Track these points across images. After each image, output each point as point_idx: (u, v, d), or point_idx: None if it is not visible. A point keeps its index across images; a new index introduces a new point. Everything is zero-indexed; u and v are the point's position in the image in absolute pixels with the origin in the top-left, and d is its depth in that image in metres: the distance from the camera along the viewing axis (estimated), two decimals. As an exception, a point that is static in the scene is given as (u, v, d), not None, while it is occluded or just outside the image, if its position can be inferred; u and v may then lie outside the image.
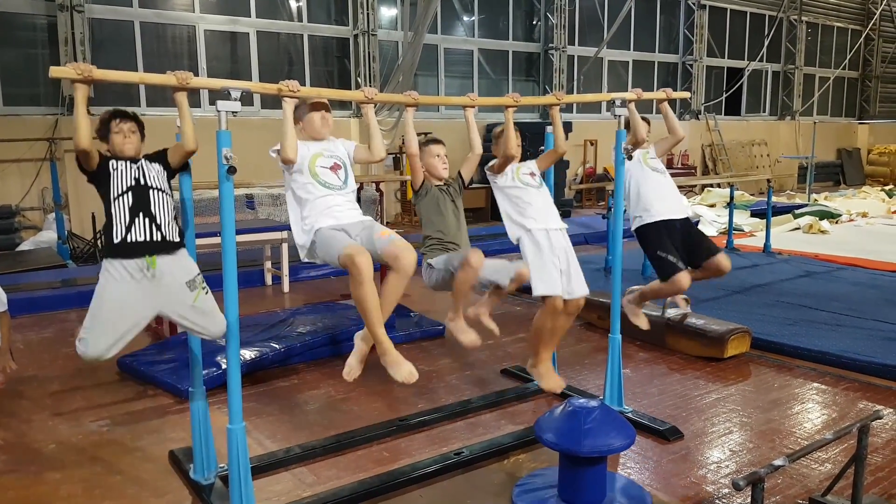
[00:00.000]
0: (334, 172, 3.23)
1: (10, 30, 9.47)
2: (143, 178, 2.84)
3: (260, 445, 3.66)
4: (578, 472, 2.92)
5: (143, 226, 2.76)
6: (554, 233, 3.77)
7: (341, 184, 3.24)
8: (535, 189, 3.84)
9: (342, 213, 3.22)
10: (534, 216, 3.77)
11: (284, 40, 11.76)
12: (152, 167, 2.90)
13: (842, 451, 3.50)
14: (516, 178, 3.83)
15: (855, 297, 6.45)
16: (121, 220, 2.76)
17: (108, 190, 2.79)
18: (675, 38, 17.24)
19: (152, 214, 2.79)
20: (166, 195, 2.88)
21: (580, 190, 14.41)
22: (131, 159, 2.86)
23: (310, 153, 3.21)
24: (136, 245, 2.74)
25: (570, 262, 3.78)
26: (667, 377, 4.69)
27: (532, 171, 3.94)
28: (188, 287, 2.83)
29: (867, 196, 15.30)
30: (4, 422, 3.92)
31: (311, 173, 3.18)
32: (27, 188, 9.33)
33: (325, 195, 3.19)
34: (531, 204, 3.78)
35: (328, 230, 3.15)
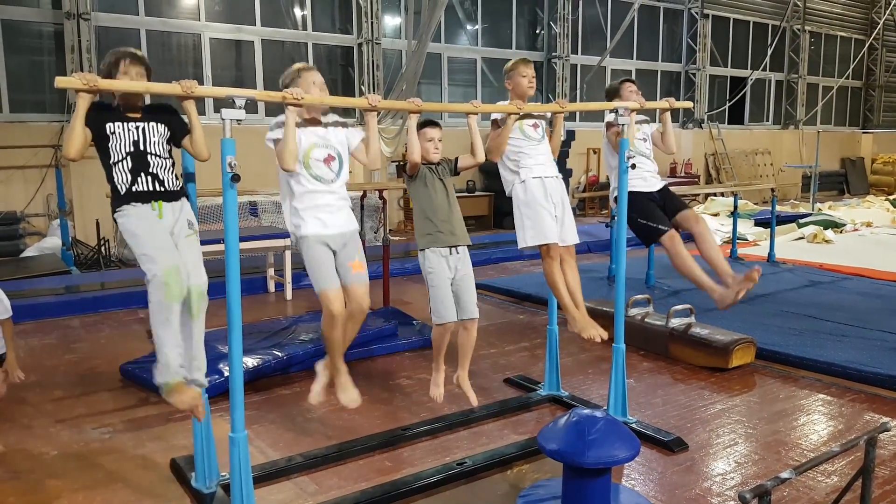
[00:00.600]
0: (327, 165, 3.19)
1: (16, 37, 9.51)
2: (142, 143, 2.84)
3: (261, 454, 3.64)
4: (582, 483, 2.90)
5: (145, 181, 2.84)
6: (549, 180, 3.74)
7: (334, 176, 3.21)
8: (535, 142, 3.80)
9: (330, 215, 3.21)
10: (529, 165, 3.75)
11: (289, 48, 11.79)
12: (154, 130, 2.87)
13: (848, 464, 3.47)
14: (519, 129, 3.79)
15: (860, 307, 6.42)
16: (124, 178, 2.82)
17: (107, 155, 2.80)
18: (678, 48, 17.26)
19: (153, 173, 2.85)
20: (165, 160, 2.91)
21: (583, 198, 14.40)
22: (131, 119, 2.84)
23: (306, 144, 3.16)
24: (142, 193, 2.84)
25: (565, 210, 3.77)
26: (671, 387, 4.67)
27: (536, 122, 3.87)
28: (188, 225, 2.94)
29: (871, 205, 15.26)
30: (6, 428, 3.91)
31: (304, 164, 3.15)
32: (32, 194, 9.35)
33: (316, 190, 3.18)
34: (528, 155, 3.76)
35: (313, 242, 3.17)
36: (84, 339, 5.92)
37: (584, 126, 14.68)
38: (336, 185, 3.24)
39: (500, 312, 6.74)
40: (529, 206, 3.69)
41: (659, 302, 6.07)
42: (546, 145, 3.88)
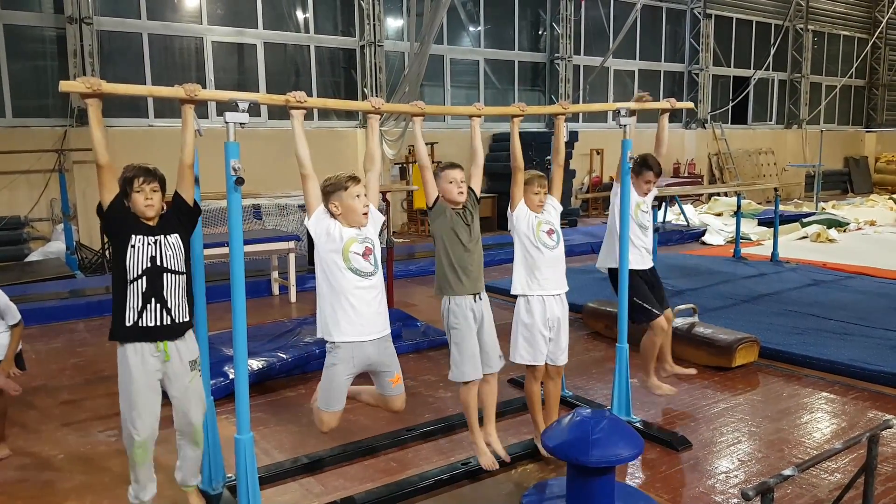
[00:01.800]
0: (366, 259, 3.10)
1: (19, 42, 9.56)
2: (159, 258, 2.83)
3: (267, 455, 3.66)
4: (586, 482, 2.91)
5: (154, 311, 2.82)
6: (550, 299, 3.70)
7: (372, 269, 3.12)
8: (550, 251, 3.70)
9: (367, 319, 3.10)
10: (539, 280, 3.69)
11: (291, 51, 11.83)
12: (170, 241, 2.86)
13: (851, 461, 3.48)
14: (536, 237, 3.69)
15: (863, 305, 6.42)
16: (134, 304, 2.81)
17: (124, 269, 2.80)
18: (680, 48, 17.26)
19: (164, 299, 2.84)
20: (180, 276, 2.89)
21: (586, 199, 14.42)
22: (150, 232, 2.83)
23: (345, 237, 3.07)
24: (147, 329, 2.83)
25: (561, 330, 3.73)
26: (675, 387, 4.66)
27: (552, 227, 3.75)
28: (189, 366, 2.94)
29: (875, 204, 15.25)
30: (14, 432, 3.93)
31: (344, 258, 3.05)
32: (36, 199, 9.39)
33: (356, 288, 3.07)
34: (540, 268, 3.68)
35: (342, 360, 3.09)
36: (89, 342, 5.95)
37: (587, 127, 14.69)
38: (375, 277, 3.14)
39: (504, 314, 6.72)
40: (528, 327, 3.69)
41: (662, 302, 6.07)
42: (559, 252, 3.77)
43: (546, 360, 3.69)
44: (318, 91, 11.76)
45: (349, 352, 3.08)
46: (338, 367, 3.10)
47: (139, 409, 2.87)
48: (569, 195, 13.24)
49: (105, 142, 2.70)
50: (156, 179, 2.84)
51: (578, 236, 10.99)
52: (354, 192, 3.06)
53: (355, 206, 3.06)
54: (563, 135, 3.89)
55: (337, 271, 3.06)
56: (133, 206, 2.82)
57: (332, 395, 3.13)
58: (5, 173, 9.03)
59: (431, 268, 8.93)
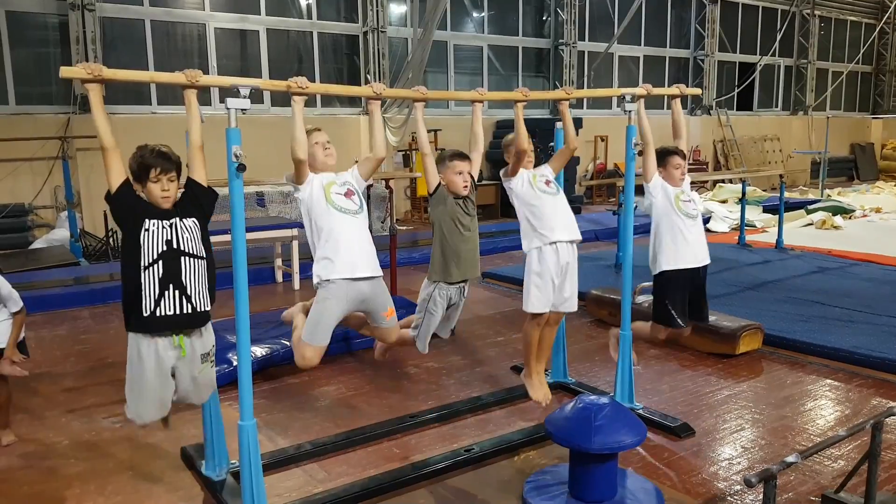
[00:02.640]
0: (349, 198, 3.22)
1: (22, 29, 9.53)
2: (175, 241, 2.69)
3: (271, 442, 3.67)
4: (589, 468, 2.91)
5: (173, 299, 2.68)
6: (563, 245, 3.74)
7: (356, 207, 3.22)
8: (551, 197, 3.77)
9: (358, 257, 3.17)
10: (549, 227, 3.72)
11: (294, 38, 11.77)
12: (187, 224, 2.75)
13: (855, 448, 3.47)
14: (534, 187, 3.76)
15: (868, 293, 6.39)
16: (150, 292, 2.65)
17: (138, 255, 2.65)
18: (686, 33, 17.13)
19: (183, 286, 2.69)
20: (199, 260, 2.76)
21: (591, 186, 14.36)
22: (165, 216, 2.71)
23: (323, 182, 3.19)
24: (165, 319, 2.68)
25: (568, 276, 3.77)
26: (678, 374, 4.67)
27: (548, 178, 3.85)
28: (201, 359, 2.87)
29: (881, 191, 15.17)
30: (18, 418, 3.95)
31: (328, 200, 3.16)
32: (40, 186, 9.39)
33: (343, 222, 3.16)
34: (546, 214, 3.73)
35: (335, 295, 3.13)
36: (93, 329, 5.96)
37: (591, 114, 14.62)
38: (361, 216, 3.23)
39: (506, 301, 6.75)
40: (541, 276, 3.72)
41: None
42: (562, 199, 3.82)
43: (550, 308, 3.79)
44: (320, 77, 11.71)
45: (343, 288, 3.14)
46: (330, 302, 3.14)
47: (146, 400, 2.81)
48: (573, 182, 13.19)
49: (109, 125, 2.66)
50: (173, 168, 2.73)
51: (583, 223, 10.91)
52: (313, 140, 3.22)
53: (316, 152, 3.21)
54: (569, 120, 3.88)
55: (322, 212, 3.15)
56: (148, 196, 2.71)
57: (320, 328, 3.15)
58: (9, 161, 9.02)
59: (435, 255, 8.90)
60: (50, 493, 3.23)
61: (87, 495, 3.21)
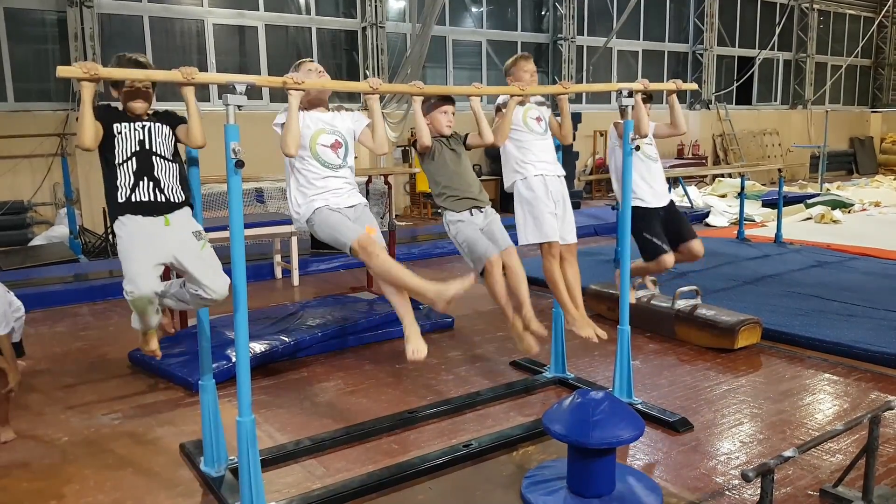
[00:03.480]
0: (334, 151, 3.21)
1: (20, 26, 9.51)
2: (147, 142, 2.82)
3: (270, 438, 3.68)
4: (587, 463, 2.92)
5: (147, 188, 2.80)
6: (551, 179, 3.72)
7: (340, 161, 3.23)
8: (538, 135, 3.78)
9: (339, 197, 3.24)
10: (532, 162, 3.72)
11: (293, 33, 11.75)
12: (160, 130, 2.86)
13: (853, 442, 3.48)
14: (522, 121, 3.75)
15: (867, 286, 6.39)
16: (125, 182, 2.78)
17: (112, 155, 2.77)
18: (685, 27, 17.10)
19: (156, 178, 2.81)
20: (171, 163, 2.87)
21: (589, 181, 14.35)
22: (137, 118, 2.83)
23: (312, 130, 3.18)
24: (141, 204, 2.80)
25: (566, 209, 3.77)
26: (677, 368, 4.68)
27: (539, 115, 3.85)
28: (195, 236, 2.90)
29: (880, 185, 15.17)
30: (17, 415, 3.95)
31: (312, 152, 3.17)
32: (39, 183, 9.39)
33: (325, 176, 3.20)
34: (531, 150, 3.72)
35: (328, 211, 3.19)
36: (93, 326, 5.97)
37: (590, 108, 14.60)
38: (343, 170, 3.26)
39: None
40: (531, 203, 3.69)
41: (665, 284, 6.06)
42: (549, 141, 3.83)
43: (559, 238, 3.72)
44: (319, 73, 11.68)
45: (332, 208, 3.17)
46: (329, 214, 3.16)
47: (136, 265, 2.76)
48: (572, 177, 13.16)
49: (94, 128, 2.68)
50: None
51: (582, 218, 10.96)
52: (306, 68, 3.19)
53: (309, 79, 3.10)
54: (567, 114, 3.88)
55: (305, 163, 3.15)
56: (122, 102, 2.81)
57: (344, 228, 3.14)
58: (8, 158, 9.02)
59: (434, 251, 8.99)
60: (49, 490, 3.23)
61: (86, 491, 3.21)
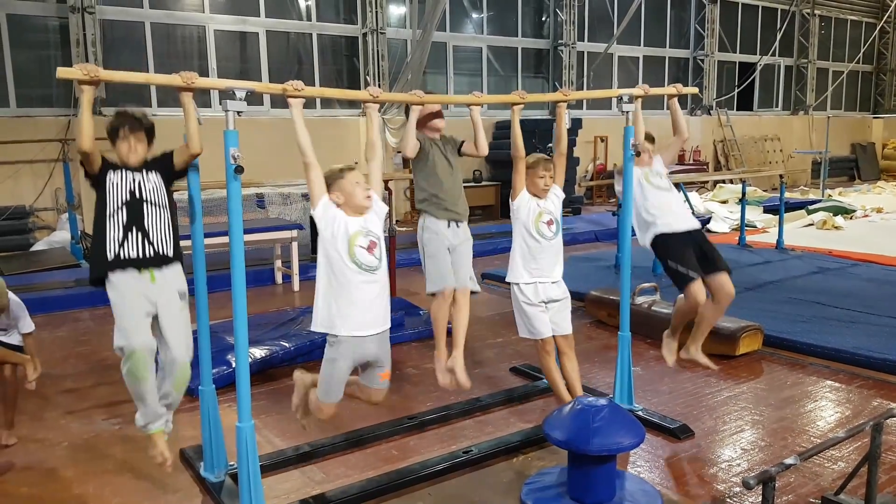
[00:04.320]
0: (370, 253, 3.04)
1: (22, 32, 9.54)
2: (138, 192, 2.85)
3: (269, 443, 3.67)
4: (587, 470, 2.91)
5: (135, 241, 2.81)
6: (544, 284, 3.75)
7: (377, 263, 3.06)
8: (548, 241, 3.72)
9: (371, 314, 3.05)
10: (532, 270, 3.73)
11: (294, 39, 11.78)
12: (150, 178, 2.90)
13: (855, 450, 3.46)
14: (535, 227, 3.69)
15: (869, 293, 6.38)
16: (114, 236, 2.80)
17: (104, 203, 2.81)
18: (686, 33, 17.13)
19: (145, 230, 2.82)
20: (162, 209, 2.89)
21: (590, 187, 14.36)
22: (131, 168, 2.87)
23: (350, 231, 3.01)
24: (129, 261, 2.83)
25: (559, 306, 3.79)
26: (678, 375, 4.66)
27: (552, 217, 3.75)
28: (179, 295, 2.93)
29: (882, 191, 15.17)
30: (17, 419, 3.93)
31: (350, 255, 2.99)
32: (40, 189, 9.40)
33: (361, 283, 3.01)
34: (536, 258, 3.71)
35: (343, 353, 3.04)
36: (94, 331, 5.97)
37: (591, 114, 14.61)
38: (379, 272, 3.08)
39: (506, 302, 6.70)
40: (522, 307, 3.75)
41: (666, 290, 6.04)
42: (558, 244, 3.78)
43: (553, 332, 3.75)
44: (320, 79, 11.71)
45: (350, 347, 3.03)
46: (339, 363, 3.05)
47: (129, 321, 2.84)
48: (573, 183, 13.18)
49: (92, 130, 2.70)
50: (142, 129, 2.87)
51: (582, 224, 10.96)
52: (353, 179, 3.04)
53: (355, 192, 3.02)
54: (564, 122, 3.86)
55: (343, 266, 2.98)
56: (117, 153, 2.86)
57: (332, 387, 3.11)
58: (10, 163, 9.04)
59: (435, 256, 8.87)
60: (49, 495, 3.23)
61: (86, 497, 3.21)
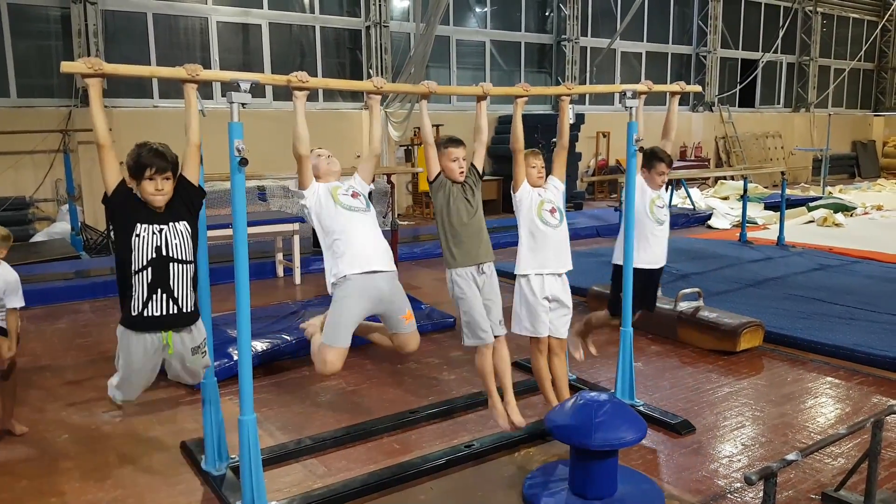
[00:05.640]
0: (355, 198, 3.24)
1: (24, 22, 9.51)
2: (164, 248, 2.74)
3: (271, 437, 3.67)
4: (589, 465, 2.91)
5: (160, 301, 2.76)
6: (550, 278, 3.73)
7: (364, 206, 3.24)
8: (552, 230, 3.72)
9: (372, 251, 3.17)
10: (541, 260, 3.72)
11: (297, 32, 11.75)
12: (178, 229, 2.78)
13: (855, 446, 3.47)
14: (537, 216, 3.71)
15: (869, 290, 6.39)
16: (139, 294, 2.75)
17: (129, 258, 2.73)
18: (688, 29, 17.09)
19: (170, 289, 2.77)
20: (187, 266, 2.81)
21: (592, 182, 14.35)
22: (156, 220, 2.74)
23: (328, 187, 3.21)
24: (153, 319, 2.78)
25: (562, 305, 3.76)
26: (679, 370, 4.67)
27: (554, 206, 3.77)
28: (191, 352, 2.91)
29: (882, 189, 15.16)
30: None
31: (335, 201, 3.17)
32: (41, 180, 9.38)
33: (353, 219, 3.17)
34: (543, 247, 3.71)
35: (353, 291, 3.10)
36: (94, 323, 5.97)
37: (593, 109, 14.59)
38: (370, 214, 3.25)
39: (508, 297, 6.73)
40: (527, 300, 3.73)
41: (667, 286, 6.05)
42: (563, 231, 3.78)
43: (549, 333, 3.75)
44: (323, 72, 11.68)
45: (360, 283, 3.11)
46: (348, 300, 3.10)
47: (131, 384, 2.95)
48: (575, 178, 13.17)
49: (106, 122, 2.67)
50: (169, 168, 2.73)
51: (584, 219, 10.95)
52: (315, 154, 3.26)
53: (319, 164, 3.26)
54: (567, 116, 3.86)
55: (331, 213, 3.16)
56: (141, 193, 2.73)
57: (340, 329, 3.10)
58: (10, 154, 9.01)
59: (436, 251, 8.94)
60: (50, 487, 3.23)
61: (87, 489, 3.21)
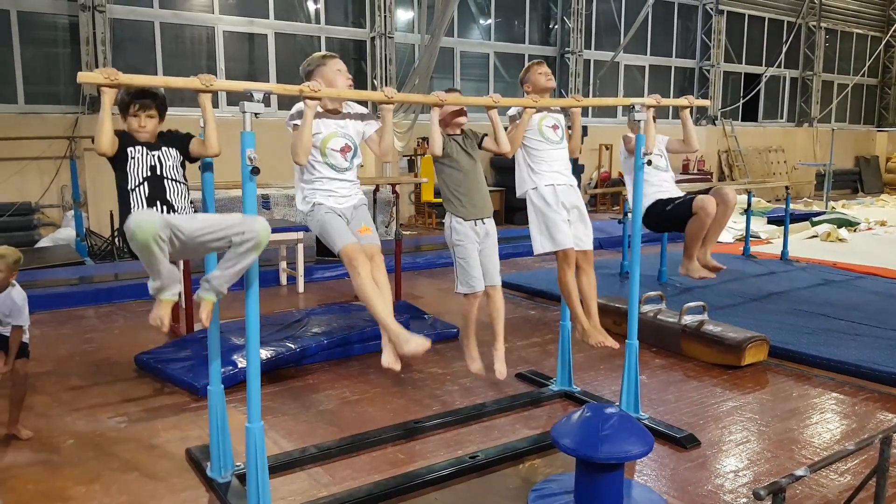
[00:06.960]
0: (343, 155, 3.32)
1: (32, 29, 9.57)
2: (159, 168, 2.86)
3: (275, 445, 3.66)
4: (595, 478, 2.91)
5: (160, 210, 2.80)
6: (562, 188, 3.71)
7: (347, 165, 3.34)
8: (553, 144, 3.76)
9: (341, 199, 3.33)
10: (544, 172, 3.72)
11: (302, 42, 11.80)
12: (170, 154, 2.90)
13: (861, 463, 3.46)
14: (538, 129, 3.74)
15: (874, 306, 6.38)
16: (139, 204, 2.79)
17: (126, 176, 2.81)
18: (692, 43, 17.16)
19: (168, 202, 2.84)
20: (181, 185, 2.91)
21: (595, 194, 14.37)
22: (148, 144, 2.86)
23: (324, 133, 3.27)
24: None
25: (581, 216, 3.77)
26: (683, 384, 4.66)
27: (556, 122, 3.83)
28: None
29: (885, 204, 15.18)
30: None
31: (322, 152, 3.27)
32: (46, 185, 9.41)
33: (331, 178, 3.30)
34: (545, 160, 3.72)
35: (327, 210, 3.27)
36: (99, 329, 5.97)
37: (596, 122, 14.63)
38: (348, 173, 3.36)
39: (511, 308, 6.73)
40: (544, 213, 3.70)
41: (672, 299, 6.05)
42: (564, 150, 3.84)
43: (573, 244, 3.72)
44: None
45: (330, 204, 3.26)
46: (327, 215, 3.23)
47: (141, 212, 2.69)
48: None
49: (112, 133, 2.70)
50: (153, 105, 2.85)
51: (587, 232, 10.96)
52: (335, 67, 3.27)
53: (336, 80, 3.23)
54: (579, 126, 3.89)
55: (314, 163, 3.24)
56: (127, 127, 2.85)
57: (335, 234, 3.21)
58: (17, 159, 9.05)
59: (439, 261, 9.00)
60: (55, 492, 3.22)
61: (91, 494, 3.20)
